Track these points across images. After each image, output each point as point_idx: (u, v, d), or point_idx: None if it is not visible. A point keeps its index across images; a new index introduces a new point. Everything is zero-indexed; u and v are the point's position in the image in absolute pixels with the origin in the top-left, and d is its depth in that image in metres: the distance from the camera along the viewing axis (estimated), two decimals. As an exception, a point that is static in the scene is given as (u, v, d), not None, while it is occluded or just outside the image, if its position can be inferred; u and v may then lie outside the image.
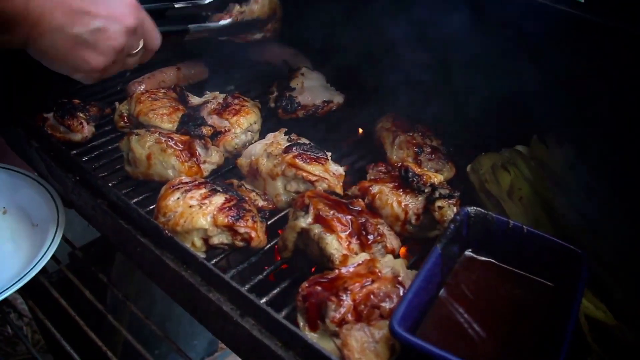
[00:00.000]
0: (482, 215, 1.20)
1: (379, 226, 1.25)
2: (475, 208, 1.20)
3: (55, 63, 1.10)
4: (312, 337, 1.07)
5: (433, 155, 1.54)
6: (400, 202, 1.31)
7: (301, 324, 1.10)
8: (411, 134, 1.57)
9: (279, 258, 1.29)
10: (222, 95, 1.64)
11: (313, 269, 1.25)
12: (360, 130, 1.81)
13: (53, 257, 1.49)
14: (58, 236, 1.48)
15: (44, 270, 1.51)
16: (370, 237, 1.21)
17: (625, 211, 1.34)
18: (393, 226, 1.31)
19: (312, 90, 1.72)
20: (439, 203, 1.27)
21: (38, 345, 2.63)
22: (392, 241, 1.25)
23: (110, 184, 1.44)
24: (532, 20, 1.34)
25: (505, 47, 1.47)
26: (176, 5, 1.51)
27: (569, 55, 1.38)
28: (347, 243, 1.19)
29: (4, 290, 1.34)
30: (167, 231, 1.20)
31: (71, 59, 1.09)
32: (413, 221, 1.31)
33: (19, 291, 1.40)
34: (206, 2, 1.66)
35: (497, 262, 1.21)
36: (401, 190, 1.33)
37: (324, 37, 1.89)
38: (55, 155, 1.48)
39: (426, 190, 1.31)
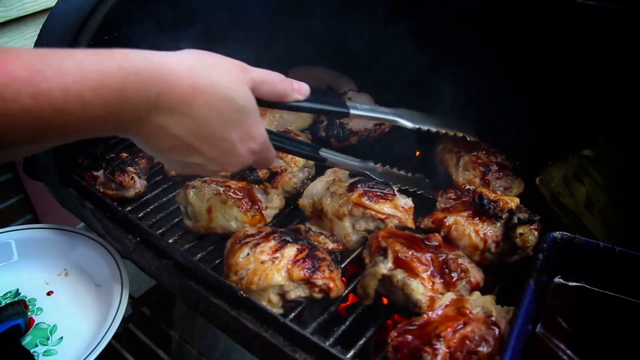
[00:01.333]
0: (569, 240, 1.14)
1: (460, 260, 1.19)
2: (561, 232, 1.14)
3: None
4: (409, 390, 1.03)
5: (501, 173, 1.48)
6: (478, 232, 1.25)
7: (395, 376, 1.05)
8: (475, 153, 1.51)
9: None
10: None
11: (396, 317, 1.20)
12: (418, 152, 1.75)
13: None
14: (125, 297, 1.46)
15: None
16: (454, 274, 1.16)
17: None
18: (472, 256, 1.26)
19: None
20: (520, 230, 1.21)
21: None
22: (476, 274, 1.20)
23: (171, 240, 1.41)
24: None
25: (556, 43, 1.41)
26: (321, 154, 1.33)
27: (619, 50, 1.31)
28: (431, 284, 1.13)
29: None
30: (242, 292, 1.16)
31: (159, 159, 1.11)
32: (493, 249, 1.25)
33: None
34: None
35: (589, 287, 1.14)
36: (477, 218, 1.27)
37: (366, 55, 1.84)
38: (111, 215, 1.46)
39: (504, 217, 1.25)
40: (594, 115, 1.48)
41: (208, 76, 0.92)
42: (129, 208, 1.54)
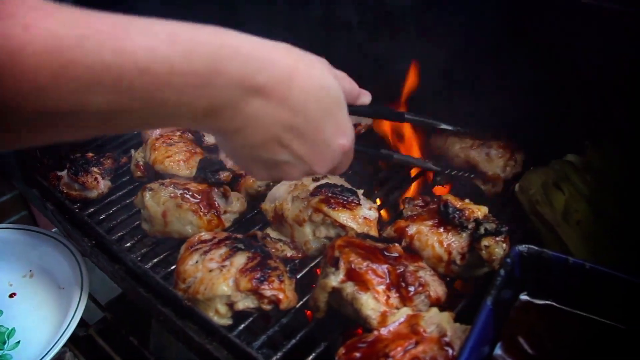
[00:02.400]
0: (536, 254, 1.05)
1: (420, 273, 1.11)
2: (527, 246, 1.05)
3: (227, 154, 0.97)
4: (353, 413, 0.96)
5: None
6: (442, 242, 1.17)
7: (341, 397, 0.98)
8: (500, 142, 1.51)
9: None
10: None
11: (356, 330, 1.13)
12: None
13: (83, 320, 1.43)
14: (83, 300, 1.41)
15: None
16: (411, 288, 1.08)
17: None
18: (436, 268, 1.18)
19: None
20: (485, 242, 1.13)
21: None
22: (437, 288, 1.12)
23: (128, 244, 1.36)
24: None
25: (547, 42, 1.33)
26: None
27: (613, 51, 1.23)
28: (386, 297, 1.06)
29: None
30: (186, 300, 1.10)
31: (242, 163, 0.94)
32: (458, 261, 1.17)
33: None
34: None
35: (557, 305, 1.06)
36: (442, 228, 1.19)
37: (348, 56, 1.77)
38: (70, 217, 1.41)
39: (470, 227, 1.17)
40: (580, 116, 1.40)
41: (305, 61, 0.84)
42: (92, 210, 1.49)
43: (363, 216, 1.24)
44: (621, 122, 1.35)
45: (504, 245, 1.14)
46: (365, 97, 1.09)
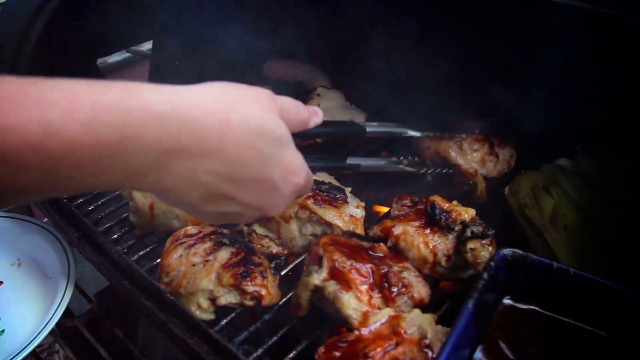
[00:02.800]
0: (520, 258, 1.05)
1: (404, 274, 1.11)
2: (512, 250, 1.05)
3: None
4: (331, 412, 0.95)
5: (504, 145, 1.48)
6: (427, 243, 1.16)
7: (319, 395, 0.98)
8: (474, 135, 1.46)
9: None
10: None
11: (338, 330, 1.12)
12: (385, 152, 1.67)
13: (69, 310, 1.43)
14: (69, 291, 1.41)
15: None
16: (394, 289, 1.08)
17: None
18: (422, 269, 1.17)
19: (330, 111, 1.59)
20: (471, 244, 1.12)
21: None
22: (420, 289, 1.11)
23: (115, 236, 1.36)
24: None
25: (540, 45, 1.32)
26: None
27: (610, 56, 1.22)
28: (368, 297, 1.06)
29: (15, 356, 1.28)
30: (168, 294, 1.10)
31: (190, 213, 0.89)
32: (443, 263, 1.16)
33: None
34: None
35: (541, 310, 1.05)
36: (428, 229, 1.18)
37: (342, 50, 1.76)
38: (58, 208, 1.41)
39: (456, 228, 1.17)
40: (574, 120, 1.39)
41: (238, 109, 0.76)
42: (80, 200, 1.48)
43: (349, 214, 1.23)
44: (613, 128, 1.35)
45: (490, 248, 1.14)
46: (317, 118, 1.02)
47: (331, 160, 1.23)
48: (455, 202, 1.23)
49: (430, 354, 0.97)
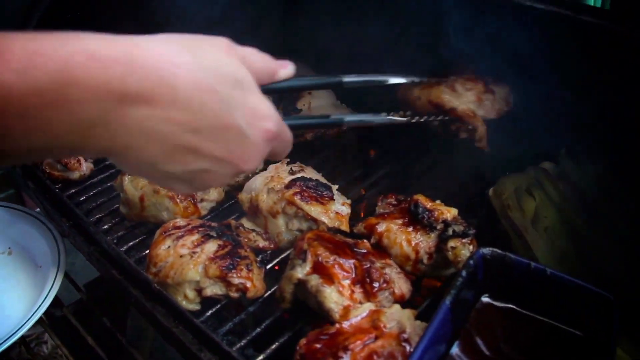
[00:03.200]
0: (499, 257, 1.08)
1: (386, 270, 1.14)
2: (491, 249, 1.08)
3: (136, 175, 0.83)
4: (310, 401, 0.98)
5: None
6: (410, 241, 1.19)
7: (299, 385, 1.01)
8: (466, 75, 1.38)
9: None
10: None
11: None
12: (372, 151, 1.69)
13: (58, 299, 1.45)
14: (58, 280, 1.43)
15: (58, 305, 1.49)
16: (376, 284, 1.10)
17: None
18: (404, 266, 1.20)
19: (320, 110, 1.62)
20: (451, 243, 1.15)
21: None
22: (402, 285, 1.14)
23: (105, 226, 1.38)
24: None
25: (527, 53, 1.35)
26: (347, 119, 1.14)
27: (596, 64, 1.25)
28: (350, 292, 1.08)
29: (3, 342, 1.31)
30: (155, 284, 1.13)
31: (157, 182, 0.84)
32: (425, 261, 1.19)
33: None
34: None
35: (518, 309, 1.09)
36: (411, 227, 1.21)
37: (335, 50, 1.79)
38: (50, 197, 1.43)
39: (438, 227, 1.20)
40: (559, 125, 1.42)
41: (192, 52, 0.69)
42: (73, 191, 1.51)
43: (335, 211, 1.26)
44: (596, 135, 1.37)
45: (470, 247, 1.17)
46: (285, 70, 0.91)
47: (314, 117, 1.21)
48: (438, 202, 1.26)
49: (408, 347, 1.00)
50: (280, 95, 1.72)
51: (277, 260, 1.27)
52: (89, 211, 1.44)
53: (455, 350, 1.01)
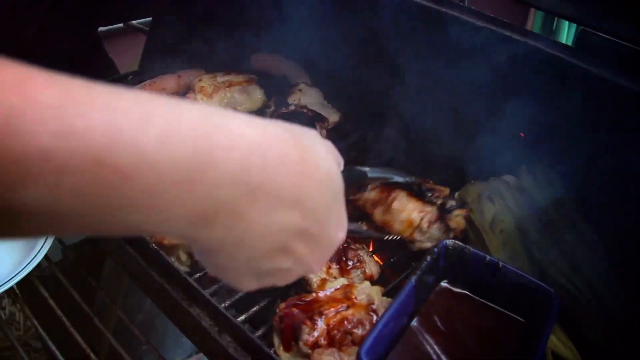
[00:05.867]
0: (459, 248, 1.23)
1: (359, 252, 1.28)
2: (453, 241, 1.24)
3: (211, 270, 0.71)
4: (285, 357, 1.11)
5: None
6: (418, 209, 1.35)
7: (276, 343, 1.14)
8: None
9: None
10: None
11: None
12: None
13: (46, 256, 1.54)
14: (50, 239, 1.52)
15: (37, 266, 1.56)
16: (350, 263, 1.25)
17: (607, 253, 1.36)
18: (403, 232, 1.35)
19: (309, 107, 1.75)
20: (456, 212, 1.35)
21: (30, 332, 2.68)
22: (372, 268, 1.29)
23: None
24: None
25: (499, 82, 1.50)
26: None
27: (558, 96, 1.41)
28: (327, 267, 1.23)
29: (-7, 291, 1.39)
30: (153, 244, 1.24)
31: (230, 278, 0.72)
32: (425, 228, 1.35)
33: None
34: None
35: (471, 295, 1.24)
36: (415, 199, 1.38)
37: (325, 52, 1.92)
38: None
39: (438, 203, 1.37)
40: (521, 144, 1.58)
41: (310, 142, 0.65)
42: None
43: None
44: (554, 154, 1.54)
45: (465, 217, 1.36)
46: (342, 162, 0.86)
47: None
48: (432, 182, 1.42)
49: (374, 317, 1.15)
50: (271, 89, 1.86)
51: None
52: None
53: (414, 324, 1.16)
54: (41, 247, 1.48)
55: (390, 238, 1.44)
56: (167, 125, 0.48)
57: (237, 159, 0.53)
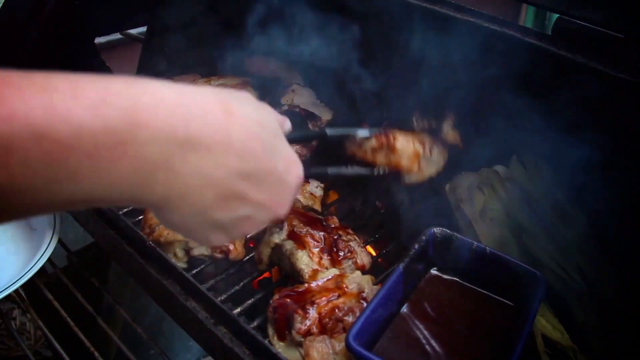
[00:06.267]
0: (447, 236, 1.27)
1: (350, 243, 1.32)
2: (441, 229, 1.27)
3: (174, 229, 0.78)
4: (279, 346, 1.15)
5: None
6: (418, 140, 1.41)
7: (270, 333, 1.18)
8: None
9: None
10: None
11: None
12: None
13: (51, 261, 1.58)
14: (54, 240, 1.57)
15: (43, 273, 1.60)
16: (341, 253, 1.28)
17: (596, 237, 1.39)
18: (409, 165, 1.38)
19: (302, 106, 1.79)
20: (445, 127, 1.45)
21: (40, 342, 2.73)
22: (363, 257, 1.32)
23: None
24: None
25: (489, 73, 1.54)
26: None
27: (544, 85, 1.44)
28: (319, 258, 1.26)
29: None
30: (150, 242, 1.28)
31: (195, 235, 0.79)
32: (429, 155, 1.42)
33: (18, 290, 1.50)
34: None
35: (461, 281, 1.27)
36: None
37: (318, 52, 1.96)
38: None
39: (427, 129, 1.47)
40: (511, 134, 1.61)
41: (237, 99, 0.74)
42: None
43: (310, 192, 1.44)
44: (543, 144, 1.57)
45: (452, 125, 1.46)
46: (288, 124, 0.98)
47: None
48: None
49: (365, 304, 1.18)
50: (265, 91, 1.90)
51: (257, 230, 1.43)
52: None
53: (404, 310, 1.19)
54: (44, 252, 1.53)
55: (379, 173, 1.44)
56: (97, 96, 0.55)
57: (161, 117, 0.60)
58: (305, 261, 1.23)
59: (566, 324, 1.28)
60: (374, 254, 1.44)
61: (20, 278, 1.46)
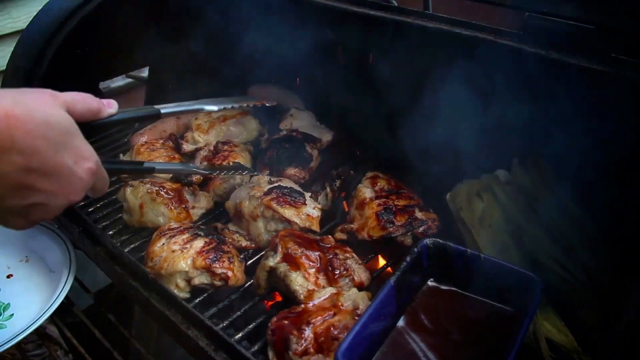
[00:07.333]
0: (440, 246, 1.26)
1: (347, 261, 1.33)
2: (433, 239, 1.27)
3: None
4: (278, 368, 1.16)
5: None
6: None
7: (270, 355, 1.19)
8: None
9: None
10: (213, 142, 1.77)
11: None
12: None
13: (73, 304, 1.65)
14: (69, 281, 1.63)
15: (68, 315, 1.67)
16: (337, 271, 1.29)
17: (600, 236, 1.36)
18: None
19: (301, 129, 1.82)
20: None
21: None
22: (361, 274, 1.33)
23: (110, 232, 1.58)
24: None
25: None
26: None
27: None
28: (315, 278, 1.27)
29: (15, 336, 1.48)
30: (152, 275, 1.32)
31: None
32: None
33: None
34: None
35: (459, 290, 1.26)
36: None
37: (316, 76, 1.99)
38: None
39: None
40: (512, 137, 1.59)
41: (21, 104, 0.88)
42: (82, 203, 1.71)
43: (306, 213, 1.46)
44: (545, 146, 1.55)
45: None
46: (111, 109, 1.14)
47: (129, 163, 1.55)
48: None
49: (359, 321, 1.18)
50: (265, 118, 1.95)
51: (257, 257, 1.46)
52: (97, 220, 1.64)
53: (401, 323, 1.19)
54: (59, 294, 1.58)
55: (216, 174, 1.59)
56: None
57: None
58: (299, 282, 1.25)
59: (570, 326, 1.26)
60: (378, 266, 1.44)
61: (33, 323, 1.50)
